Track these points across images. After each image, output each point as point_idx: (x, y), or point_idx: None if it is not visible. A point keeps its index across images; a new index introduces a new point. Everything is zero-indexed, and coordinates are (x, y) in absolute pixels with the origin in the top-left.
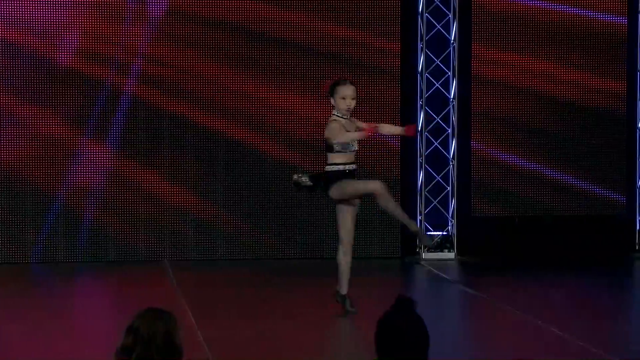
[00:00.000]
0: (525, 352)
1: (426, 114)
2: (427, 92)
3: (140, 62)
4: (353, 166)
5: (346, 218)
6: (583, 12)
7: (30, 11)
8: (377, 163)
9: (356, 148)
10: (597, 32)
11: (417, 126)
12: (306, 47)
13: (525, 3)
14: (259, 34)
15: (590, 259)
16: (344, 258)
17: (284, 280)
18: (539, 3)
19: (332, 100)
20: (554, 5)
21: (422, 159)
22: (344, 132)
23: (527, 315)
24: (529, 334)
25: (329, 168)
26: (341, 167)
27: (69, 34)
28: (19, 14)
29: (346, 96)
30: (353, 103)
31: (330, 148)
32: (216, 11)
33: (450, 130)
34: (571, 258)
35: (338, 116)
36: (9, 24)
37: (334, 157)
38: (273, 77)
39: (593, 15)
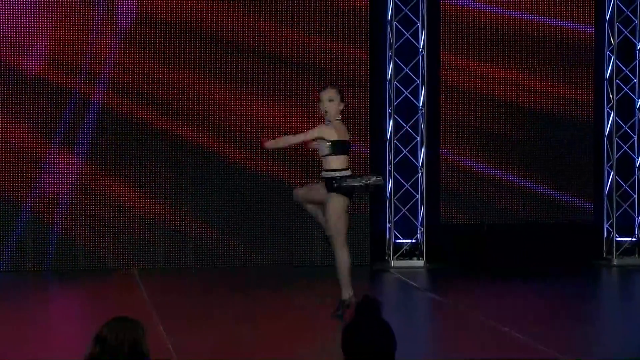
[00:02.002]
0: (492, 358)
1: (395, 122)
2: (396, 100)
3: (108, 71)
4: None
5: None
6: (551, 21)
7: None
8: None
9: (323, 153)
10: (565, 40)
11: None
12: (275, 55)
13: (493, 12)
14: (227, 42)
15: (558, 266)
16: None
17: (253, 287)
18: (508, 12)
19: None
20: (523, 14)
21: (391, 167)
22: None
23: (495, 322)
24: (497, 341)
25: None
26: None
27: (37, 43)
28: None
29: (321, 99)
30: (330, 105)
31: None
32: (185, 19)
33: (419, 138)
34: (539, 265)
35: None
36: None
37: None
38: (242, 85)
39: (561, 24)
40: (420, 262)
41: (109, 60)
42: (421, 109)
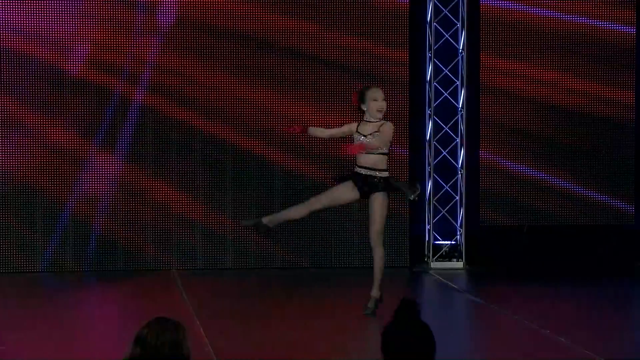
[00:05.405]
0: None
1: (434, 123)
2: (435, 102)
3: (149, 72)
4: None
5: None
6: (592, 22)
7: (40, 21)
8: None
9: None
10: (605, 41)
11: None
12: (314, 57)
13: (533, 12)
14: (267, 43)
15: (599, 269)
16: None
17: (293, 289)
18: (548, 12)
19: (363, 107)
20: (563, 15)
21: (430, 168)
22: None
23: (535, 325)
24: (537, 344)
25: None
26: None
27: (78, 44)
28: (29, 24)
29: (378, 97)
30: (385, 104)
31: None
32: (225, 21)
33: (458, 140)
34: (579, 268)
35: (366, 120)
36: (19, 34)
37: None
38: (281, 86)
39: (601, 24)
40: (459, 264)
41: (149, 61)
42: (460, 110)
